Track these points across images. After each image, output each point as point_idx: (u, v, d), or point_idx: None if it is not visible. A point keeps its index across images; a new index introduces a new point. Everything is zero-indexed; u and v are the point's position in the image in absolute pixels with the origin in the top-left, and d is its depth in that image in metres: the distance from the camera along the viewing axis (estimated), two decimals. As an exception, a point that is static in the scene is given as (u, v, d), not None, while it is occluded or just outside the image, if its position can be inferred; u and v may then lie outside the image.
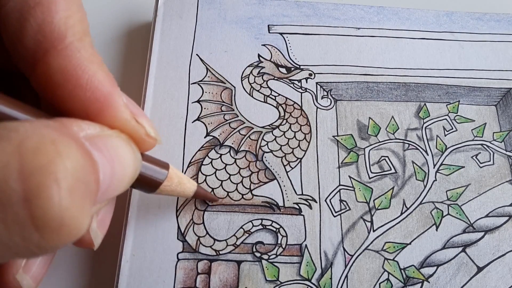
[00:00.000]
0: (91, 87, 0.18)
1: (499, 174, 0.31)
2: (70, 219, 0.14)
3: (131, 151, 0.19)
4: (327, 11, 0.35)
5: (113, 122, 0.19)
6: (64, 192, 0.13)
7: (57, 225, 0.13)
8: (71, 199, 0.14)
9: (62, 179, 0.13)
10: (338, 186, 0.29)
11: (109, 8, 0.38)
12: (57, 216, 0.13)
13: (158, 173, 0.23)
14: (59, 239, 0.14)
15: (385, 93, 0.33)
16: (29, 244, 0.14)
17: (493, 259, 0.28)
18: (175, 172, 0.24)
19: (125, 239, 0.27)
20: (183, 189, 0.25)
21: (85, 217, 0.15)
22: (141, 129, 0.20)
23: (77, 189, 0.14)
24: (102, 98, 0.18)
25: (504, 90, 0.33)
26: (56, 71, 0.17)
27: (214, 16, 0.34)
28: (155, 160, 0.23)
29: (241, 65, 0.33)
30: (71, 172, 0.14)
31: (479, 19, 0.36)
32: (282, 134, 0.31)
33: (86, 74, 0.18)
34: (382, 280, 0.27)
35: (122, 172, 0.18)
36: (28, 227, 0.13)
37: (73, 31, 0.17)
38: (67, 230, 0.14)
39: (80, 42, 0.18)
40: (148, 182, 0.23)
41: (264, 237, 0.28)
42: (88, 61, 0.18)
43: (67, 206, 0.14)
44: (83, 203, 0.14)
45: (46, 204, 0.13)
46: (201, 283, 0.26)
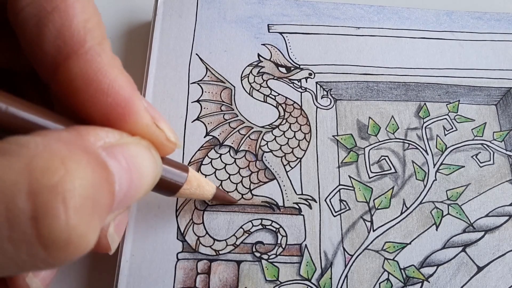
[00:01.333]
0: (112, 92, 0.17)
1: (499, 174, 0.30)
2: (77, 237, 0.14)
3: (151, 158, 0.19)
4: (327, 10, 0.35)
5: (134, 127, 0.19)
6: (71, 210, 0.13)
7: (64, 243, 0.14)
8: (78, 217, 0.14)
9: (69, 199, 0.13)
10: (338, 186, 0.29)
11: (108, 7, 0.38)
12: (63, 235, 0.13)
13: (177, 176, 0.23)
14: (66, 255, 0.14)
15: (385, 93, 0.33)
16: (36, 261, 0.14)
17: (493, 258, 0.28)
18: (194, 175, 0.24)
19: (125, 239, 0.27)
20: (202, 192, 0.25)
21: (93, 233, 0.15)
22: (161, 134, 0.20)
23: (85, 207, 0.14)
24: (123, 103, 0.18)
25: (504, 90, 0.33)
26: (77, 76, 0.17)
27: (213, 16, 0.34)
28: (175, 163, 0.23)
29: (241, 65, 0.33)
30: (79, 191, 0.14)
31: (479, 18, 0.36)
32: (281, 134, 0.31)
33: (107, 78, 0.17)
34: (382, 280, 0.27)
35: (140, 181, 0.18)
36: (35, 246, 0.13)
37: (92, 35, 0.17)
38: (74, 248, 0.14)
39: (100, 46, 0.17)
40: (167, 185, 0.23)
41: (264, 237, 0.28)
42: (109, 66, 0.18)
43: (73, 225, 0.14)
44: (91, 220, 0.14)
45: (53, 223, 0.13)
46: (200, 283, 0.26)
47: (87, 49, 0.17)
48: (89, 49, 0.17)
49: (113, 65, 0.18)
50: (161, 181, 0.22)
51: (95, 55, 0.17)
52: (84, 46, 0.17)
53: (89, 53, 0.17)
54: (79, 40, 0.17)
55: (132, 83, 0.18)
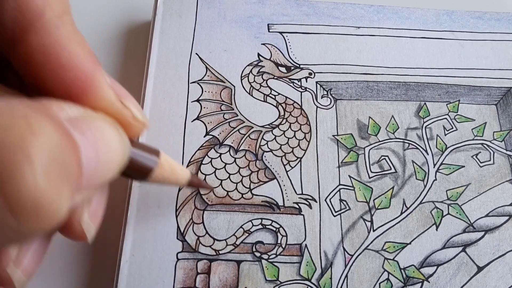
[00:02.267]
0: (71, 65, 0.17)
1: (499, 174, 0.30)
2: (46, 201, 0.13)
3: (117, 135, 0.18)
4: (327, 10, 0.35)
5: (97, 103, 0.18)
6: (39, 170, 0.13)
7: (33, 206, 0.13)
8: (46, 179, 0.13)
9: (35, 156, 0.13)
10: (338, 186, 0.29)
11: (108, 7, 0.38)
12: (32, 196, 0.13)
13: (148, 160, 0.22)
14: (36, 222, 0.13)
15: (385, 93, 0.33)
16: (5, 229, 0.13)
17: (493, 258, 0.28)
18: (167, 159, 0.23)
19: (125, 239, 0.27)
20: (176, 177, 0.24)
21: (64, 200, 0.14)
22: (127, 111, 0.19)
23: (53, 169, 0.13)
24: (83, 77, 0.17)
25: (504, 89, 0.33)
26: (35, 50, 0.17)
27: (213, 15, 0.34)
28: (145, 146, 0.22)
29: (241, 64, 0.33)
30: (45, 150, 0.13)
31: (479, 18, 0.36)
32: (282, 134, 0.31)
33: (66, 52, 0.17)
34: (382, 280, 0.27)
35: (108, 156, 0.17)
36: (2, 209, 0.12)
37: (52, 8, 0.17)
38: (44, 213, 0.13)
39: (59, 19, 0.17)
40: (138, 169, 0.22)
41: (264, 236, 0.28)
42: (68, 39, 0.17)
43: (42, 186, 0.13)
44: (61, 184, 0.13)
45: (19, 183, 0.12)
46: (200, 283, 0.26)
47: (45, 22, 0.17)
48: (47, 22, 0.17)
49: (73, 38, 0.17)
50: (132, 165, 0.21)
51: (53, 27, 0.17)
52: (42, 19, 0.17)
53: (47, 26, 0.17)
54: (37, 12, 0.16)
55: (94, 58, 0.18)
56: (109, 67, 0.35)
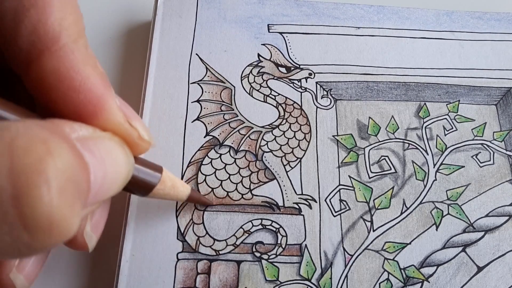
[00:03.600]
0: (84, 89, 0.18)
1: (499, 174, 0.30)
2: (60, 219, 0.14)
3: (124, 154, 0.19)
4: (327, 10, 0.35)
5: (106, 125, 0.19)
6: (54, 191, 0.13)
7: (47, 224, 0.13)
8: (61, 198, 0.13)
9: (52, 178, 0.13)
10: (338, 186, 0.29)
11: (108, 7, 0.38)
12: (46, 215, 0.13)
13: (151, 176, 0.23)
14: (49, 239, 0.14)
15: (385, 93, 0.33)
16: (18, 244, 0.13)
17: (493, 258, 0.28)
18: (168, 175, 0.24)
19: (125, 239, 0.27)
20: (176, 192, 0.25)
21: (75, 217, 0.14)
22: (134, 132, 0.20)
23: (67, 189, 0.14)
24: (95, 100, 0.18)
25: (504, 90, 0.33)
26: (49, 73, 0.17)
27: (213, 16, 0.34)
28: (149, 163, 0.23)
29: (241, 65, 0.33)
30: (61, 171, 0.14)
31: (479, 18, 0.36)
32: (281, 134, 0.31)
33: (80, 76, 0.17)
34: (382, 280, 0.27)
35: (114, 174, 0.18)
36: (17, 226, 0.13)
37: (68, 33, 0.17)
38: (57, 230, 0.14)
39: (75, 44, 0.18)
40: (141, 185, 0.23)
41: (264, 237, 0.28)
42: (82, 63, 0.18)
43: (57, 205, 0.13)
44: (74, 203, 0.14)
45: (36, 203, 0.13)
46: (200, 283, 0.26)
47: (60, 46, 0.17)
48: (63, 46, 0.17)
49: (86, 62, 0.18)
50: (135, 180, 0.22)
51: (68, 52, 0.17)
52: (58, 43, 0.17)
53: (62, 50, 0.17)
54: (54, 36, 0.17)
55: (106, 81, 0.19)
56: (110, 67, 0.35)
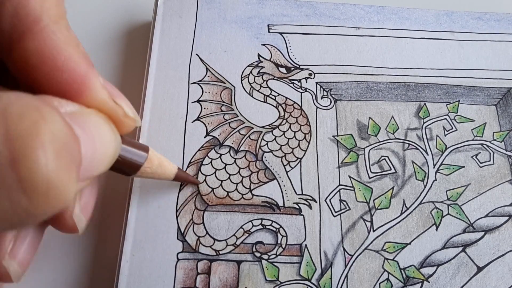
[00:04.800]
0: (67, 68, 0.18)
1: (499, 174, 0.31)
2: (57, 182, 0.14)
3: (111, 131, 0.19)
4: (327, 10, 0.35)
5: (91, 103, 0.19)
6: (50, 154, 0.14)
7: (45, 187, 0.14)
8: (57, 162, 0.14)
9: (47, 142, 0.14)
10: (338, 186, 0.29)
11: (108, 7, 0.38)
12: (44, 178, 0.13)
13: (137, 155, 0.23)
14: (47, 203, 0.14)
15: (385, 93, 0.33)
16: (17, 209, 0.14)
17: (493, 259, 0.28)
18: (155, 154, 0.24)
19: (125, 239, 0.27)
20: (163, 171, 0.25)
21: (72, 183, 0.15)
22: (119, 109, 0.20)
23: (62, 154, 0.14)
24: (78, 79, 0.18)
25: (504, 90, 0.33)
26: (32, 54, 0.17)
27: (214, 16, 0.34)
28: (135, 143, 0.23)
29: (241, 65, 0.33)
30: (56, 136, 0.14)
31: (479, 18, 0.36)
32: (282, 134, 0.31)
33: (62, 55, 0.18)
34: (382, 280, 0.27)
35: (103, 149, 0.18)
36: (16, 190, 0.13)
37: (49, 14, 0.18)
38: (55, 194, 0.14)
39: (56, 25, 0.18)
40: (128, 164, 0.23)
41: (264, 237, 0.28)
42: (64, 43, 0.18)
43: (53, 168, 0.14)
44: (69, 168, 0.14)
45: (33, 165, 0.13)
46: (201, 283, 0.26)
47: (42, 27, 0.17)
48: (45, 27, 0.17)
49: (68, 42, 0.18)
50: (121, 160, 0.22)
51: (50, 33, 0.17)
52: (39, 24, 0.17)
53: (44, 31, 0.17)
54: (35, 18, 0.17)
55: (88, 60, 0.19)
56: (110, 68, 0.35)
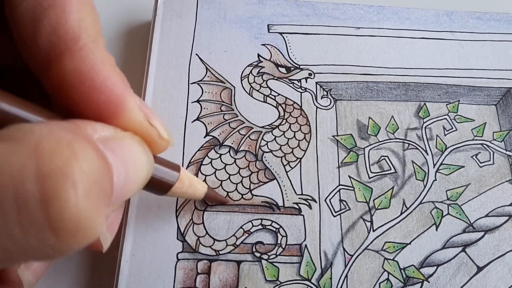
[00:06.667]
0: (105, 89, 0.18)
1: (499, 174, 0.31)
2: (86, 221, 0.14)
3: (145, 154, 0.19)
4: (327, 10, 0.35)
5: (127, 124, 0.19)
6: (81, 194, 0.13)
7: (74, 227, 0.13)
8: (87, 201, 0.14)
9: (78, 182, 0.13)
10: (338, 186, 0.29)
11: (108, 7, 0.38)
12: (73, 218, 0.13)
13: (169, 175, 0.23)
14: (75, 241, 0.14)
15: (385, 93, 0.33)
16: (45, 247, 0.14)
17: (493, 259, 0.28)
18: (186, 174, 0.24)
19: (125, 239, 0.27)
20: (193, 191, 0.25)
21: (101, 219, 0.15)
22: (154, 131, 0.20)
23: (93, 191, 0.14)
24: (116, 100, 0.18)
25: (504, 90, 0.33)
26: (70, 73, 0.17)
27: (213, 16, 0.34)
28: (167, 162, 0.23)
29: (241, 65, 0.33)
30: (87, 174, 0.14)
31: (479, 18, 0.36)
32: (281, 134, 0.31)
33: (101, 76, 0.17)
34: (382, 280, 0.27)
35: (136, 174, 0.18)
36: (45, 230, 0.13)
37: (87, 33, 0.17)
38: (83, 232, 0.14)
39: (94, 44, 0.18)
40: (159, 184, 0.23)
41: (264, 237, 0.28)
42: (102, 63, 0.18)
43: (83, 208, 0.13)
44: (99, 205, 0.14)
45: (63, 206, 0.13)
46: (200, 283, 0.26)
47: (81, 46, 0.17)
48: (83, 46, 0.17)
49: (106, 62, 0.18)
50: (153, 180, 0.22)
51: (88, 52, 0.17)
52: (78, 43, 0.17)
53: (83, 50, 0.17)
54: (73, 37, 0.17)
55: (125, 80, 0.19)
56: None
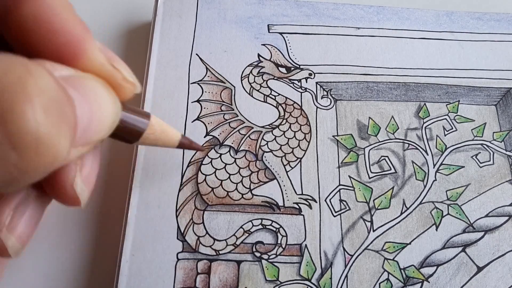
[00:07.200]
0: (64, 31, 0.17)
1: (499, 174, 0.31)
2: (46, 137, 0.13)
3: (109, 95, 0.19)
4: (327, 10, 0.35)
5: (88, 66, 0.18)
6: (38, 108, 0.13)
7: (34, 142, 0.13)
8: (45, 116, 0.13)
9: (34, 95, 0.13)
10: (338, 186, 0.29)
11: (108, 7, 0.38)
12: (32, 131, 0.13)
13: (139, 121, 0.22)
14: (38, 159, 0.14)
15: (385, 93, 0.33)
16: (7, 165, 0.13)
17: (493, 259, 0.28)
18: (157, 120, 0.24)
19: (125, 239, 0.27)
20: (167, 138, 0.24)
21: (63, 138, 0.14)
22: (117, 73, 0.19)
23: (51, 108, 0.14)
24: (75, 42, 0.18)
25: (504, 90, 0.33)
26: (28, 18, 0.17)
27: (213, 16, 0.34)
28: (136, 109, 0.23)
29: (241, 65, 0.33)
30: (43, 90, 0.14)
31: (479, 18, 0.36)
32: (282, 134, 0.31)
33: (59, 18, 0.17)
34: (382, 280, 0.27)
35: (101, 113, 0.18)
36: (5, 145, 0.13)
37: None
38: (45, 149, 0.14)
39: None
40: (129, 130, 0.22)
41: (264, 237, 0.28)
42: (61, 7, 0.18)
43: (41, 122, 0.13)
44: (60, 124, 0.14)
45: (20, 119, 0.13)
46: (201, 283, 0.26)
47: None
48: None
49: (66, 7, 0.18)
50: (122, 126, 0.21)
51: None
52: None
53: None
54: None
55: (84, 24, 0.18)
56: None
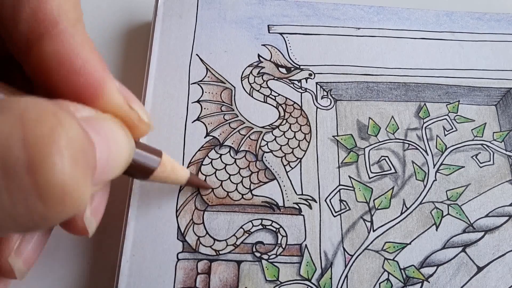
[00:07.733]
0: (84, 72, 0.18)
1: (499, 174, 0.31)
2: (73, 188, 0.14)
3: (125, 135, 0.19)
4: (327, 11, 0.35)
5: (107, 107, 0.19)
6: (67, 160, 0.14)
7: (60, 193, 0.14)
8: (74, 167, 0.14)
9: (64, 148, 0.13)
10: (338, 186, 0.29)
11: (109, 7, 0.38)
12: (60, 184, 0.13)
13: (151, 159, 0.23)
14: (62, 208, 0.14)
15: (385, 93, 0.33)
16: (32, 214, 0.14)
17: (493, 259, 0.28)
18: (168, 159, 0.24)
19: (125, 239, 0.27)
20: (176, 176, 0.25)
21: (87, 188, 0.15)
22: (134, 114, 0.20)
23: (79, 159, 0.14)
24: (95, 83, 0.18)
25: (504, 90, 0.33)
26: (49, 56, 0.17)
27: (214, 16, 0.34)
28: (148, 147, 0.23)
29: (241, 65, 0.33)
30: (73, 141, 0.14)
31: (479, 18, 0.36)
32: (282, 134, 0.31)
33: (80, 59, 0.18)
34: (382, 280, 0.27)
35: (117, 154, 0.18)
36: (32, 196, 0.13)
37: (67, 17, 0.18)
38: (70, 199, 0.14)
39: (74, 28, 0.18)
40: (141, 168, 0.23)
41: (264, 237, 0.28)
42: (82, 47, 0.18)
43: (70, 174, 0.14)
44: (85, 173, 0.14)
45: (50, 171, 0.13)
46: (201, 283, 0.26)
47: (60, 30, 0.17)
48: (63, 30, 0.17)
49: (86, 46, 0.18)
50: (135, 164, 0.22)
51: (68, 36, 0.18)
52: (57, 27, 0.17)
53: (62, 34, 0.17)
54: (53, 20, 0.17)
55: (103, 63, 0.19)
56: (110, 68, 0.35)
